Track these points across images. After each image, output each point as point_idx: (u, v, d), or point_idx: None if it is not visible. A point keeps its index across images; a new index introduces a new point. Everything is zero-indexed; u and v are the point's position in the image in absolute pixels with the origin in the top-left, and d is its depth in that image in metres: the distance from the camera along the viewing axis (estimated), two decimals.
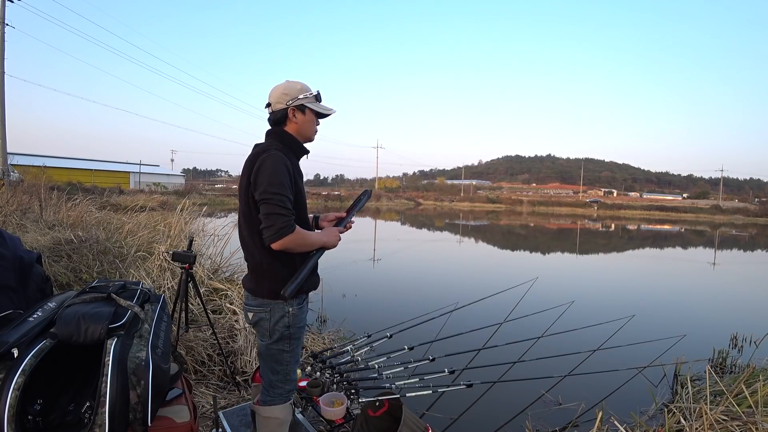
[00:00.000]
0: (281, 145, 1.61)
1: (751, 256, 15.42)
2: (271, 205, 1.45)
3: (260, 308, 1.62)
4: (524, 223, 28.32)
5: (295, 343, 1.68)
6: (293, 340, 1.66)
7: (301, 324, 1.68)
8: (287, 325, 1.62)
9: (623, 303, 6.33)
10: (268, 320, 1.61)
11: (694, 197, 79.02)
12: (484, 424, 2.81)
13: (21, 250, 1.76)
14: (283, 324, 1.62)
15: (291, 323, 1.63)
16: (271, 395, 1.71)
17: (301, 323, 1.68)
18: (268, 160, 1.49)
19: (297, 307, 1.64)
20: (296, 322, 1.65)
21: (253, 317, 1.64)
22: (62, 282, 3.95)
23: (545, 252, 14.24)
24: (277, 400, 1.71)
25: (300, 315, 1.67)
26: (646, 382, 3.46)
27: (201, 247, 5.02)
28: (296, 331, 1.66)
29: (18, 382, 1.13)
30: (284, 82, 1.67)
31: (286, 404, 1.74)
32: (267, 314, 1.61)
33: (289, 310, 1.61)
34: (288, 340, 1.64)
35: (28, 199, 7.63)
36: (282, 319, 1.61)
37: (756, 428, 2.08)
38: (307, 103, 1.64)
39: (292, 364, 1.70)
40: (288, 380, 1.72)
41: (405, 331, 3.29)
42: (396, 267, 9.10)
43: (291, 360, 1.69)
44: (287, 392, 1.73)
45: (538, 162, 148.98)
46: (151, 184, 38.75)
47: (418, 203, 55.16)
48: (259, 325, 1.64)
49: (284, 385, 1.72)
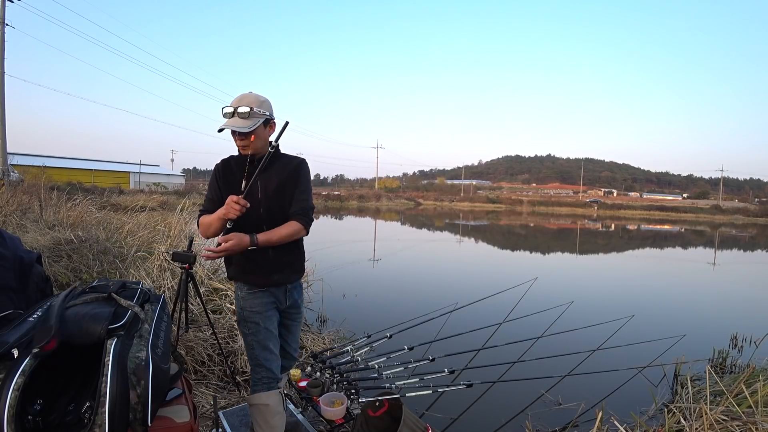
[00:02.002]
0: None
1: (751, 256, 15.41)
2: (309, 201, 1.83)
3: None
4: (524, 223, 28.31)
5: (253, 327, 1.78)
6: (249, 323, 1.78)
7: (254, 309, 1.77)
8: (241, 307, 1.80)
9: (623, 303, 6.33)
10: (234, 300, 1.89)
11: (694, 197, 79.02)
12: (484, 424, 2.81)
13: (21, 250, 1.76)
14: (238, 305, 1.82)
15: (243, 306, 1.79)
16: (253, 380, 1.81)
17: (255, 308, 1.78)
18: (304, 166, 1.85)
19: (247, 291, 1.79)
20: (247, 306, 1.78)
21: None
22: (62, 282, 3.95)
23: (545, 252, 14.24)
24: (258, 385, 1.78)
25: (251, 300, 1.78)
26: (646, 382, 3.46)
27: (201, 247, 5.02)
28: (250, 315, 1.78)
29: (18, 383, 1.13)
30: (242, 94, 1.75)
31: (272, 392, 1.78)
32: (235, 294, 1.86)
33: (239, 294, 1.81)
34: (244, 322, 1.80)
35: (28, 199, 7.63)
36: (237, 300, 1.82)
37: (756, 428, 2.08)
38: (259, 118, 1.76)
39: (258, 349, 1.78)
40: (259, 366, 1.79)
41: (405, 331, 3.29)
42: (396, 267, 9.10)
43: (255, 344, 1.78)
44: (266, 379, 1.79)
45: (538, 162, 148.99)
46: (151, 184, 38.76)
47: (418, 203, 55.15)
48: None
49: (259, 371, 1.79)
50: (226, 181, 1.79)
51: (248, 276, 1.80)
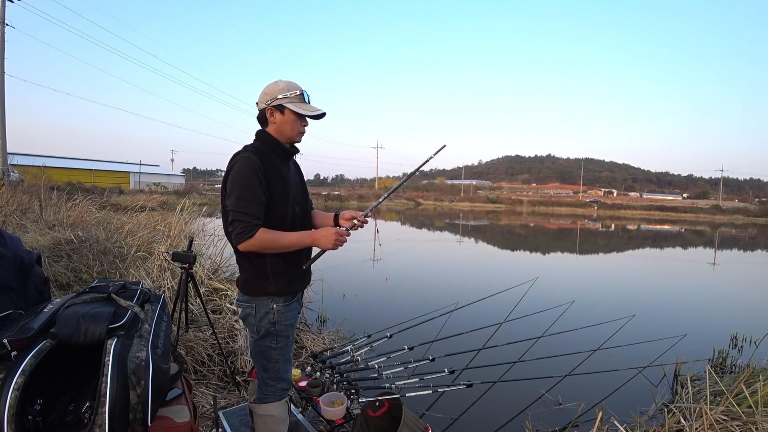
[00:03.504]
0: (258, 147, 1.61)
1: (751, 256, 15.41)
2: (234, 212, 1.50)
3: (246, 304, 1.65)
4: (524, 223, 28.31)
5: (283, 341, 1.68)
6: (280, 337, 1.67)
7: (288, 322, 1.68)
8: (272, 321, 1.63)
9: (623, 303, 6.33)
10: (254, 316, 1.63)
11: (694, 197, 79.01)
12: (484, 424, 2.81)
13: (21, 251, 1.76)
14: (268, 320, 1.63)
15: (276, 320, 1.64)
16: (264, 393, 1.73)
17: (288, 321, 1.68)
18: (234, 166, 1.54)
19: (282, 304, 1.65)
20: (282, 319, 1.65)
21: (241, 313, 1.68)
22: (62, 282, 3.95)
23: (545, 252, 14.24)
24: (270, 398, 1.73)
25: (286, 313, 1.67)
26: (646, 382, 3.46)
27: (201, 247, 5.02)
28: (283, 329, 1.66)
29: (18, 382, 1.13)
30: (272, 82, 1.64)
31: (280, 402, 1.75)
32: (252, 310, 1.63)
33: (273, 307, 1.63)
34: (274, 336, 1.66)
35: (28, 199, 7.63)
36: (267, 315, 1.63)
37: (756, 428, 2.08)
38: (286, 103, 1.58)
39: (282, 362, 1.71)
40: (279, 378, 1.73)
41: (405, 331, 3.29)
42: (396, 267, 9.09)
43: (280, 358, 1.70)
44: (280, 390, 1.75)
45: (538, 162, 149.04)
46: (151, 184, 38.75)
47: (418, 203, 55.12)
48: (247, 321, 1.67)
49: (276, 384, 1.73)
50: (275, 177, 1.58)
51: (292, 285, 1.67)
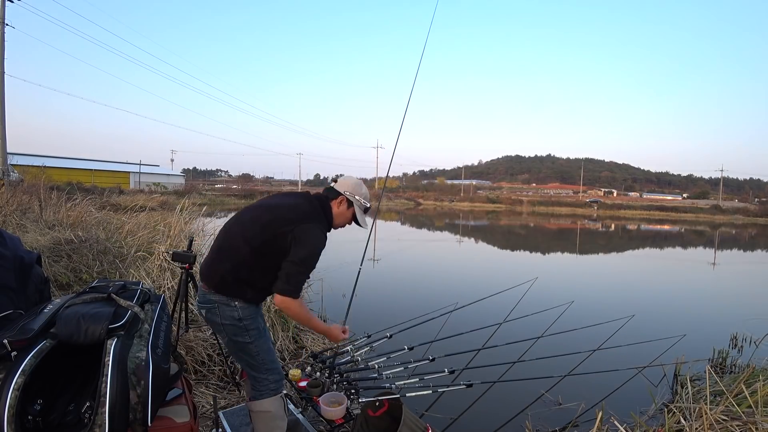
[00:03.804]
0: (324, 219, 1.80)
1: (751, 256, 15.41)
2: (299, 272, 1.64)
3: (208, 305, 1.70)
4: (524, 223, 28.31)
5: (255, 333, 1.73)
6: (251, 331, 1.72)
7: (251, 315, 1.73)
8: (238, 317, 1.70)
9: (623, 303, 6.33)
10: (218, 315, 1.69)
11: (694, 197, 78.96)
12: (484, 424, 2.81)
13: (21, 251, 1.76)
14: (232, 317, 1.69)
15: (241, 315, 1.70)
16: (258, 389, 1.76)
17: (252, 314, 1.73)
18: (319, 234, 1.70)
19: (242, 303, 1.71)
20: (246, 314, 1.71)
21: (206, 314, 1.73)
22: (62, 282, 3.95)
23: (545, 252, 14.24)
24: (265, 393, 1.75)
25: (248, 308, 1.72)
26: (646, 382, 3.46)
27: (201, 247, 5.02)
28: (250, 322, 1.72)
29: (18, 382, 1.13)
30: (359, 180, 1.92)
31: (276, 397, 1.77)
32: (216, 309, 1.69)
33: (235, 304, 1.69)
34: (245, 331, 1.71)
35: (28, 199, 7.63)
36: (232, 313, 1.69)
37: (756, 428, 2.08)
38: (356, 205, 1.88)
39: (263, 353, 1.75)
40: (268, 370, 1.76)
41: (405, 331, 3.29)
42: (396, 267, 9.09)
43: (260, 350, 1.74)
44: (274, 383, 1.77)
45: (538, 162, 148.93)
46: (151, 184, 38.76)
47: (418, 203, 55.12)
48: (213, 322, 1.73)
49: (266, 375, 1.75)
50: None
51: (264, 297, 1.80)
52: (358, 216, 1.88)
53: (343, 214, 1.87)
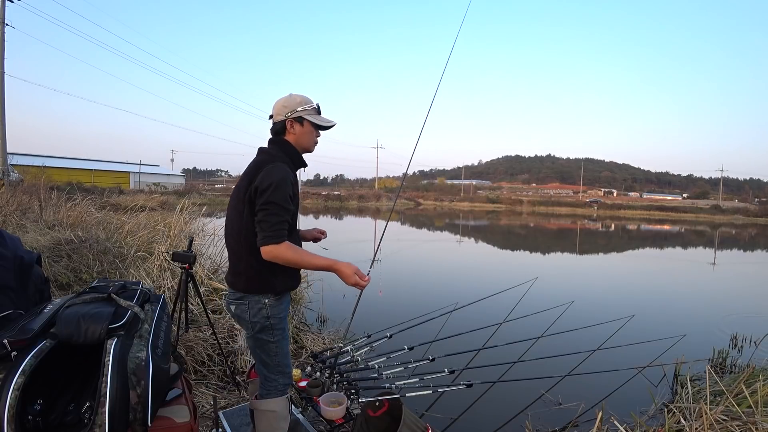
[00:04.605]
0: (285, 156, 1.69)
1: (751, 256, 15.42)
2: (265, 212, 1.55)
3: (239, 301, 1.68)
4: (524, 223, 28.32)
5: (279, 334, 1.72)
6: (276, 330, 1.71)
7: (281, 315, 1.72)
8: (266, 315, 1.68)
9: (623, 303, 6.33)
10: (247, 312, 1.67)
11: (694, 197, 79.00)
12: (484, 424, 2.81)
13: (21, 251, 1.76)
14: (262, 315, 1.67)
15: (270, 314, 1.68)
16: (266, 389, 1.76)
17: (281, 314, 1.73)
18: (275, 170, 1.57)
19: (274, 298, 1.69)
20: (275, 312, 1.70)
21: (235, 309, 1.71)
22: (62, 282, 3.95)
23: (545, 252, 14.24)
24: (273, 393, 1.75)
25: (278, 306, 1.71)
26: (646, 382, 3.46)
27: (201, 247, 5.02)
28: (277, 322, 1.71)
29: (18, 383, 1.13)
30: (286, 96, 1.74)
31: (282, 398, 1.77)
32: (246, 306, 1.67)
33: (266, 302, 1.67)
34: (270, 330, 1.70)
35: (28, 199, 7.64)
36: (260, 310, 1.66)
37: (756, 428, 2.08)
38: (305, 116, 1.70)
39: (281, 355, 1.74)
40: (281, 372, 1.76)
41: (405, 331, 3.29)
42: (396, 267, 9.09)
43: (279, 351, 1.73)
44: (282, 385, 1.77)
45: (538, 162, 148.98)
46: (151, 184, 38.78)
47: (418, 203, 55.13)
48: (240, 317, 1.71)
49: (278, 377, 1.75)
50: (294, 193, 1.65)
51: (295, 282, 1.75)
52: (317, 123, 1.73)
53: (303, 134, 1.72)
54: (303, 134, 1.72)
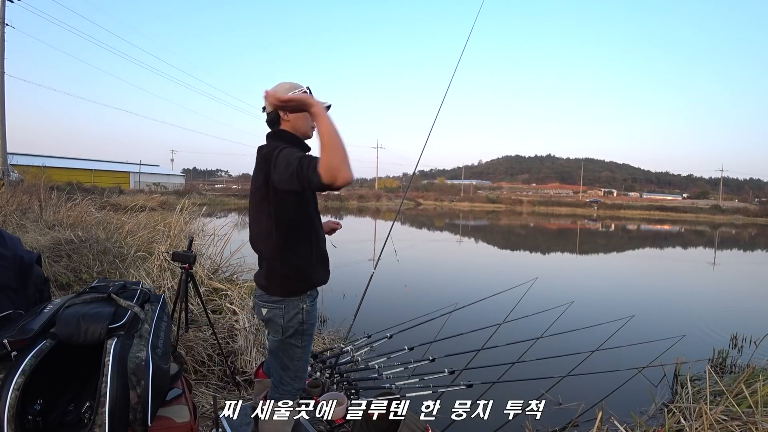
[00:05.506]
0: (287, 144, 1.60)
1: (751, 256, 15.42)
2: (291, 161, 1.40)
3: (274, 305, 1.64)
4: (524, 223, 28.32)
5: (308, 339, 1.72)
6: (305, 336, 1.70)
7: (313, 320, 1.72)
8: (301, 321, 1.66)
9: (623, 303, 6.33)
10: (282, 316, 1.63)
11: (694, 197, 78.98)
12: (484, 424, 2.81)
13: (21, 251, 1.76)
14: (297, 320, 1.65)
15: (304, 319, 1.67)
16: (280, 392, 1.74)
17: (313, 319, 1.72)
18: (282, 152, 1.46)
19: (310, 303, 1.69)
20: (309, 318, 1.69)
21: (267, 313, 1.66)
22: (62, 282, 3.95)
23: (545, 252, 14.24)
24: (285, 396, 1.74)
25: (312, 311, 1.71)
26: (646, 382, 3.46)
27: (201, 247, 5.02)
28: (309, 327, 1.70)
29: (18, 382, 1.13)
30: (275, 85, 1.69)
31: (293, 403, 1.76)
32: (281, 311, 1.63)
33: (303, 307, 1.65)
34: (301, 335, 1.68)
35: (28, 199, 7.63)
36: (296, 315, 1.64)
37: (756, 428, 2.08)
38: None
39: (302, 361, 1.74)
40: (297, 378, 1.75)
41: (405, 331, 3.29)
42: (396, 267, 9.09)
43: (302, 356, 1.72)
44: (296, 390, 1.76)
45: (538, 162, 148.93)
46: (151, 184, 38.80)
47: (418, 203, 55.12)
48: (272, 321, 1.66)
49: (293, 383, 1.74)
50: None
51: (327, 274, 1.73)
52: None
53: (297, 120, 1.65)
54: (298, 120, 1.66)
